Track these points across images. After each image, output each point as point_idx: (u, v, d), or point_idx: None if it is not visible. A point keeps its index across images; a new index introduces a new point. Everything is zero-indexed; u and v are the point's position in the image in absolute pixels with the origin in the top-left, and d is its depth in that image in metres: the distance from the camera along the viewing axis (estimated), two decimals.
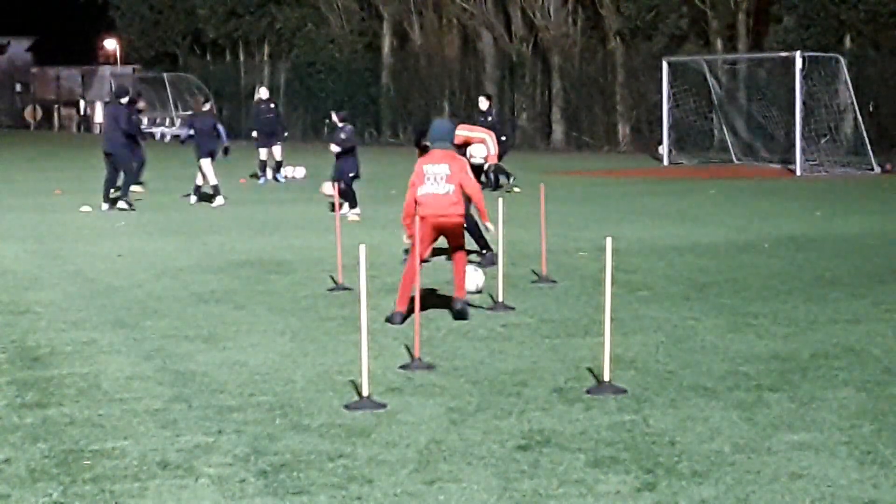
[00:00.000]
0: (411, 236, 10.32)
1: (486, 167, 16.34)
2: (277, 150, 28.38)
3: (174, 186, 25.64)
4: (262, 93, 29.27)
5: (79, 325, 10.42)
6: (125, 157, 21.40)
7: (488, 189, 26.74)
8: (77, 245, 16.30)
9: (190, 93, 58.89)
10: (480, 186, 11.72)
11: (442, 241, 11.18)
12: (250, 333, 10.01)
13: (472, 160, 14.53)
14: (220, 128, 22.75)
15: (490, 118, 25.09)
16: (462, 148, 14.47)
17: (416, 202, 10.66)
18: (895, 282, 12.60)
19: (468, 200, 11.24)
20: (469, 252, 13.66)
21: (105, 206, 21.29)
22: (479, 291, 11.84)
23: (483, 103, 26.55)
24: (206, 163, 22.29)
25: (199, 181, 22.71)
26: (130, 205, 21.22)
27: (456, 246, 10.95)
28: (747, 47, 42.67)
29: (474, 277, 11.94)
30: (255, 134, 28.49)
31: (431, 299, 11.32)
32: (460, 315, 10.69)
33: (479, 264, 13.16)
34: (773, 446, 6.68)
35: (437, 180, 10.75)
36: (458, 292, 10.86)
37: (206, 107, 23.76)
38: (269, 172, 28.45)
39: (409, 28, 52.74)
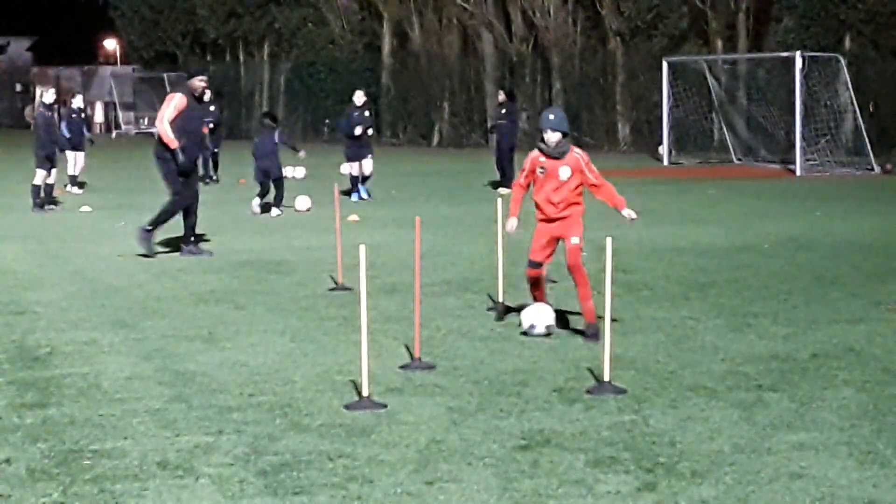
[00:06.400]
0: None
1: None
2: None
3: None
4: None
5: (79, 325, 10.42)
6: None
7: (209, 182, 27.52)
8: (77, 245, 16.30)
9: None
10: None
11: None
12: (250, 333, 10.01)
13: None
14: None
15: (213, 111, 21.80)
16: None
17: None
18: (895, 282, 12.60)
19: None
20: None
21: None
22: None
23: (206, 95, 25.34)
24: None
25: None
26: None
27: None
28: (747, 47, 42.70)
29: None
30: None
31: None
32: None
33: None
34: (773, 446, 6.67)
35: None
36: None
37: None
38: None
39: (409, 28, 52.74)
